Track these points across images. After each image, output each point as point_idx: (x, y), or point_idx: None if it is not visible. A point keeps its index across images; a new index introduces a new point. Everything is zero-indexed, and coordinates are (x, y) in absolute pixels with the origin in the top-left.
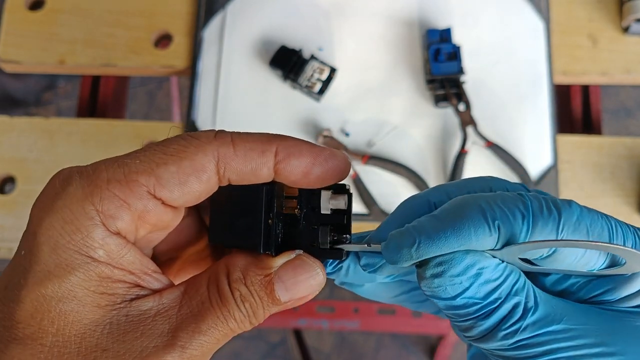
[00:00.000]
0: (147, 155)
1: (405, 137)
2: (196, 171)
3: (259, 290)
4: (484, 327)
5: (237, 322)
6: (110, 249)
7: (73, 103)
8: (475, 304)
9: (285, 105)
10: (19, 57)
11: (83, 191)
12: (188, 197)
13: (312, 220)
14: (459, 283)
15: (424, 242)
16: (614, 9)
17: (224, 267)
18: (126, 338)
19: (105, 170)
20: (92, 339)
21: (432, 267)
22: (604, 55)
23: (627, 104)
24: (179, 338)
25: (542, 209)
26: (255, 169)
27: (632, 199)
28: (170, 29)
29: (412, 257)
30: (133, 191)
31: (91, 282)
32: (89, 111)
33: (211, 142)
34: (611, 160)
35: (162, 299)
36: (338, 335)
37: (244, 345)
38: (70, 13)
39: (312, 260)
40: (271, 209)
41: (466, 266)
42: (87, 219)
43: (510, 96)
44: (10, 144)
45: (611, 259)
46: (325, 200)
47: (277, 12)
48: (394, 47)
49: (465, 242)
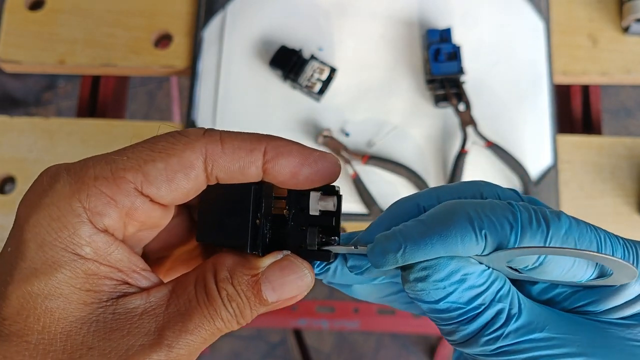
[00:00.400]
0: (135, 152)
1: (405, 137)
2: (184, 168)
3: (245, 290)
4: (467, 332)
5: (224, 322)
6: (97, 246)
7: (73, 103)
8: (458, 308)
9: (285, 105)
10: (19, 57)
11: (70, 188)
12: (176, 194)
13: (301, 221)
14: (442, 288)
15: (410, 248)
16: (614, 9)
17: (212, 266)
18: (112, 336)
19: (93, 167)
20: (78, 337)
21: (416, 271)
22: (604, 55)
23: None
24: (165, 337)
25: (531, 221)
26: (243, 167)
27: (632, 199)
28: (170, 29)
29: (397, 262)
30: (120, 188)
31: (77, 280)
32: (89, 111)
33: (199, 139)
34: (611, 161)
35: (149, 297)
36: (338, 335)
37: (244, 345)
38: (70, 13)
39: (300, 261)
40: (259, 209)
41: (450, 272)
42: (74, 216)
43: (510, 96)
44: (10, 144)
45: (599, 272)
46: (314, 202)
47: (277, 12)
48: (394, 47)
49: (451, 249)
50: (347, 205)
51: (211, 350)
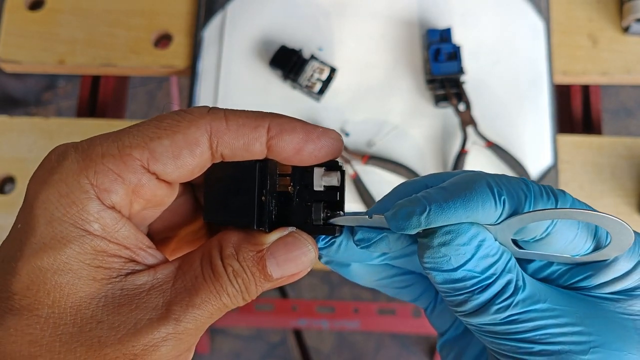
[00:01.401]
0: (141, 130)
1: (405, 137)
2: (189, 145)
3: (251, 266)
4: (479, 302)
5: (230, 297)
6: (105, 223)
7: (73, 103)
8: (473, 277)
9: (285, 105)
10: (19, 57)
11: (78, 165)
12: (182, 171)
13: (306, 197)
14: (463, 253)
15: (435, 210)
16: (614, 9)
17: (217, 243)
18: (121, 311)
19: (100, 145)
20: (88, 311)
21: (441, 235)
22: (604, 55)
23: (627, 104)
24: (172, 311)
25: (542, 193)
26: (248, 144)
27: (632, 199)
28: (170, 29)
29: (421, 224)
30: (127, 165)
31: (86, 255)
32: (89, 111)
33: (204, 116)
34: (611, 160)
35: (156, 274)
36: (338, 335)
37: (244, 345)
38: (70, 13)
39: (305, 236)
40: (264, 186)
41: (471, 236)
42: (82, 192)
43: (511, 96)
44: (10, 144)
45: (596, 245)
46: (318, 177)
47: (277, 12)
48: (394, 47)
49: (472, 213)
50: (347, 205)
51: (211, 350)
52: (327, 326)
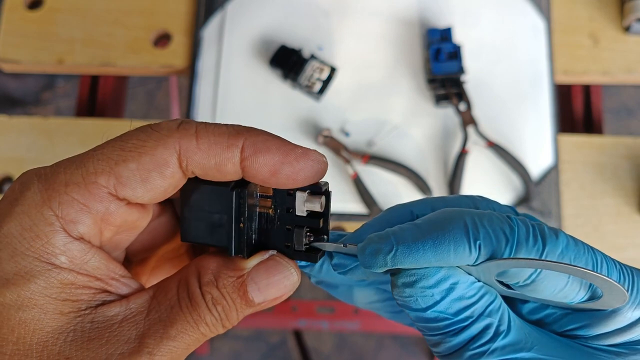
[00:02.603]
0: (105, 153)
1: (406, 137)
2: (158, 166)
3: (231, 292)
4: (452, 344)
5: (209, 326)
6: (73, 255)
7: (72, 103)
8: (445, 319)
9: (285, 105)
10: (18, 56)
11: (41, 196)
12: (152, 193)
13: (287, 222)
14: (430, 295)
15: (401, 251)
16: (614, 9)
17: (195, 269)
18: (90, 345)
19: (64, 172)
20: (55, 347)
21: (405, 276)
22: (605, 54)
23: (628, 103)
24: (146, 344)
25: (527, 236)
26: (219, 164)
27: (633, 199)
28: (169, 29)
29: (387, 264)
30: (92, 194)
31: (53, 289)
32: (88, 111)
33: (172, 134)
34: (612, 160)
35: (129, 304)
36: (338, 336)
37: (244, 346)
38: (69, 12)
39: (286, 260)
40: (242, 214)
41: (439, 279)
42: (46, 224)
43: (511, 96)
44: (9, 143)
45: (591, 294)
46: (300, 202)
47: (277, 11)
48: (394, 46)
49: (442, 257)
50: (347, 205)
51: (211, 351)
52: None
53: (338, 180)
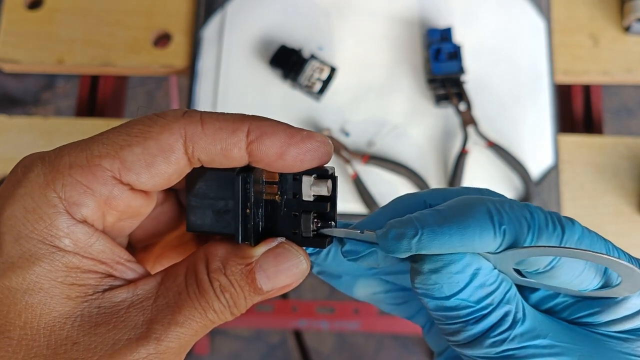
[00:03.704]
0: (111, 137)
1: (406, 137)
2: (163, 151)
3: (239, 280)
4: (472, 333)
5: (217, 313)
6: (77, 238)
7: (72, 103)
8: (467, 306)
9: (285, 105)
10: (18, 56)
11: (45, 178)
12: (157, 179)
13: (294, 207)
14: (456, 282)
15: (427, 235)
16: (614, 9)
17: (203, 256)
18: (98, 330)
19: (68, 155)
20: (62, 332)
21: (432, 261)
22: (605, 54)
23: (628, 103)
24: (153, 330)
25: (547, 223)
26: (226, 149)
27: (633, 199)
28: (169, 29)
29: (412, 249)
30: (96, 176)
31: (58, 273)
32: (88, 111)
33: (178, 120)
34: (612, 160)
35: (136, 290)
36: (338, 336)
37: (244, 346)
38: (69, 12)
39: (295, 248)
40: (248, 199)
41: (465, 264)
42: (49, 206)
43: (511, 96)
44: (9, 143)
45: (604, 282)
46: (307, 186)
47: (277, 11)
48: (394, 46)
49: (468, 242)
50: (347, 205)
51: (211, 350)
52: (327, 327)
53: (338, 180)
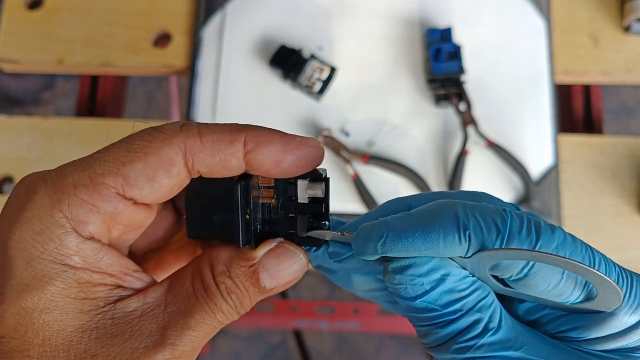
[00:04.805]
0: (112, 154)
1: (406, 137)
2: (164, 166)
3: (244, 281)
4: (439, 336)
5: (225, 314)
6: (86, 254)
7: (72, 103)
8: (434, 310)
9: (285, 105)
10: (18, 56)
11: (50, 199)
12: (159, 193)
13: (290, 210)
14: (420, 284)
15: (391, 239)
16: (614, 9)
17: (207, 261)
18: (115, 341)
19: (71, 175)
20: (80, 346)
21: (396, 261)
22: (605, 54)
23: (628, 103)
24: (168, 336)
25: (521, 229)
26: (224, 160)
27: (633, 199)
28: (169, 29)
29: (377, 251)
30: (101, 194)
31: (71, 290)
32: (88, 111)
33: (177, 134)
34: (612, 160)
35: (146, 298)
36: (338, 336)
37: (244, 346)
38: (69, 12)
39: (294, 246)
40: (248, 205)
41: (430, 269)
42: (57, 227)
43: (511, 96)
44: (8, 143)
45: (586, 295)
46: (302, 190)
47: (277, 11)
48: (394, 46)
49: (432, 246)
50: (347, 205)
51: (211, 351)
52: (327, 327)
53: (338, 180)
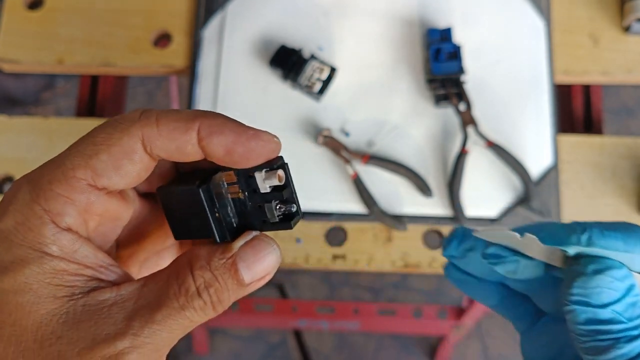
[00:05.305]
0: (79, 149)
1: (406, 137)
2: (127, 154)
3: (223, 273)
4: (622, 352)
5: (197, 311)
6: (62, 244)
7: (72, 103)
8: (620, 322)
9: (285, 105)
10: (18, 56)
11: (30, 195)
12: (127, 179)
13: (257, 200)
14: (615, 289)
15: (595, 233)
16: (614, 9)
17: (187, 260)
18: (81, 326)
19: (47, 172)
20: (48, 328)
21: (597, 262)
22: (605, 54)
23: (628, 103)
24: (131, 327)
25: None
26: (180, 146)
27: (633, 199)
28: (169, 29)
29: (581, 242)
30: (74, 187)
31: (46, 275)
32: (88, 111)
33: (135, 123)
34: (612, 160)
35: (120, 291)
36: (338, 336)
37: (244, 346)
38: (69, 12)
39: (269, 238)
40: (214, 205)
41: (624, 275)
42: (36, 218)
43: (511, 96)
44: (9, 143)
45: None
46: (260, 181)
47: (277, 11)
48: (394, 46)
49: (630, 248)
50: (347, 205)
51: (211, 350)
52: (327, 327)
53: (338, 180)
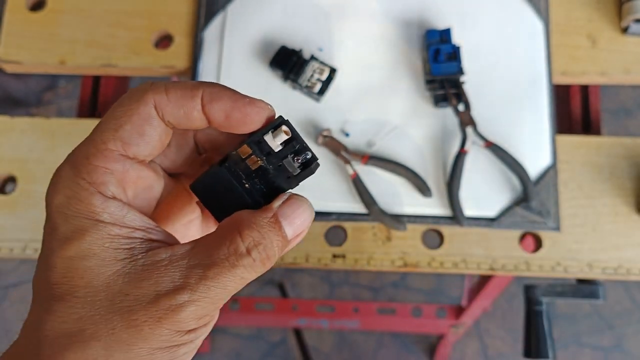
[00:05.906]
0: (104, 126)
1: (405, 137)
2: (146, 120)
3: (269, 230)
4: None
5: (246, 268)
6: (111, 211)
7: (74, 103)
8: None
9: (286, 106)
10: (20, 57)
11: (73, 171)
12: (152, 144)
13: (276, 161)
14: None
15: None
16: (613, 9)
17: (233, 223)
18: (143, 284)
19: (83, 151)
20: (115, 287)
21: None
22: (603, 55)
23: (626, 104)
24: (188, 283)
25: None
26: (187, 112)
27: (631, 199)
28: (170, 30)
29: None
30: (108, 157)
31: (104, 240)
32: (90, 111)
33: (147, 92)
34: (610, 161)
35: (174, 251)
36: (338, 334)
37: (244, 344)
38: (71, 13)
39: (301, 196)
40: (241, 177)
41: None
42: (83, 190)
43: (510, 96)
44: (11, 144)
45: None
46: (271, 141)
47: (277, 12)
48: (393, 47)
49: None
50: (347, 205)
51: (211, 349)
52: (327, 325)
53: (338, 180)
